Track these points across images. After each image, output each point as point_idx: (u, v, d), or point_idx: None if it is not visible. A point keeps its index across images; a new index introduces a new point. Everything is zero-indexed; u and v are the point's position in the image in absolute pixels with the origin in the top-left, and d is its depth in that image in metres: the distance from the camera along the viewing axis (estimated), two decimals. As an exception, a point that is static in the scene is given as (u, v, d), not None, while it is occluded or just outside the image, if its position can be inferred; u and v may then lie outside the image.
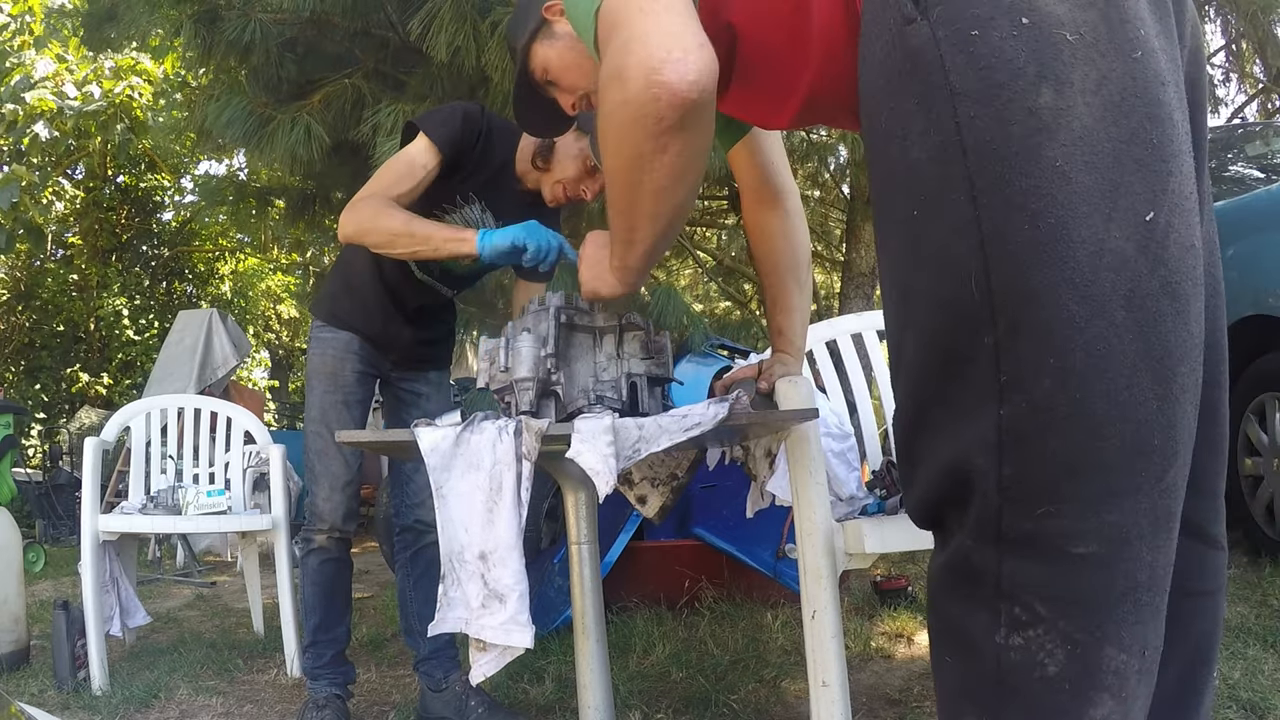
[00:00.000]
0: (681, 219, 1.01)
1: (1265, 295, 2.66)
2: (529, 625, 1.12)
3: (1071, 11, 0.69)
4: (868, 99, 0.80)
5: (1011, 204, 0.68)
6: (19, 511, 6.60)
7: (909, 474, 0.83)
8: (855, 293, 6.93)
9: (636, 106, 0.82)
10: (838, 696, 1.31)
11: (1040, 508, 0.70)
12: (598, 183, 1.89)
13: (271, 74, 3.75)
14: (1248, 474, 2.81)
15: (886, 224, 0.80)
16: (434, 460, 1.17)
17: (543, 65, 1.35)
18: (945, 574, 0.79)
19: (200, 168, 11.09)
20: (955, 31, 0.70)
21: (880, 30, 0.76)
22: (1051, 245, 0.67)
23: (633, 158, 0.87)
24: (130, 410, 2.98)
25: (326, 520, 2.02)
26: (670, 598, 2.99)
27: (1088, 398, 0.68)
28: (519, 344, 1.31)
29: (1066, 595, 0.70)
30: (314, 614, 2.07)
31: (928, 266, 0.73)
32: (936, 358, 0.74)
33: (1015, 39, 0.68)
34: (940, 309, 0.73)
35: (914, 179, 0.74)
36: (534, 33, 1.34)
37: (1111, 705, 0.71)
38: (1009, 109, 0.68)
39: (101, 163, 10.72)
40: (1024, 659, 0.71)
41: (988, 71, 0.69)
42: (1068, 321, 0.67)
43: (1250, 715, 1.72)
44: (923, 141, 0.72)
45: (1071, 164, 0.67)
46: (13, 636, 2.71)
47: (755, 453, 1.57)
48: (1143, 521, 0.70)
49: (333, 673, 2.08)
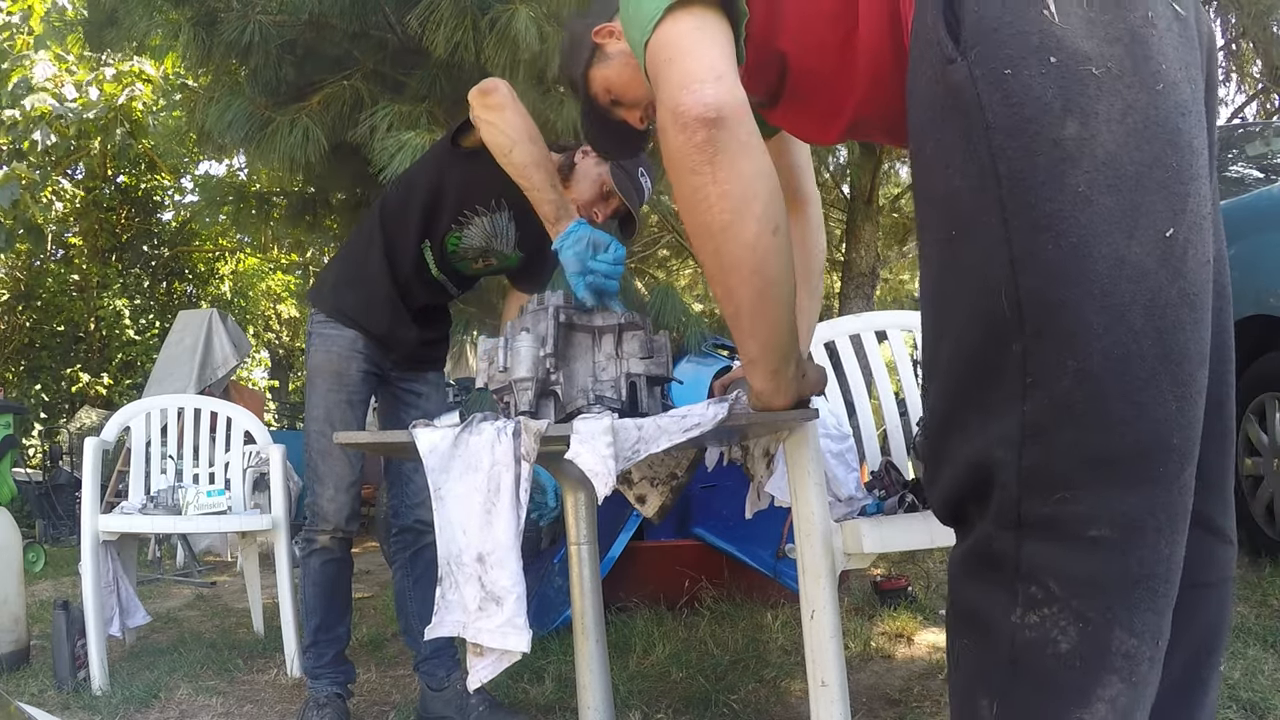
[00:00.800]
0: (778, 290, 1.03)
1: (1266, 295, 2.66)
2: (526, 628, 1.11)
3: (1099, 47, 0.76)
4: (915, 130, 0.87)
5: (1038, 226, 0.75)
6: (19, 511, 6.60)
7: (936, 472, 0.88)
8: (855, 293, 6.93)
9: (674, 147, 0.94)
10: (837, 696, 1.31)
11: (1057, 494, 0.75)
12: (610, 206, 1.91)
13: (271, 76, 3.74)
14: (1248, 474, 2.81)
15: (929, 243, 0.87)
16: (432, 461, 1.17)
17: (604, 87, 1.35)
18: (965, 561, 0.84)
19: (200, 168, 11.10)
20: (990, 71, 0.77)
21: (924, 67, 0.84)
22: (1073, 261, 0.74)
23: (691, 196, 0.96)
24: (130, 410, 2.98)
25: (330, 521, 2.02)
26: (670, 598, 2.99)
27: (1105, 396, 0.73)
28: (518, 344, 1.31)
29: (1080, 576, 0.74)
30: (315, 614, 2.07)
31: (964, 282, 0.80)
32: (969, 364, 0.81)
33: (1043, 76, 0.75)
34: (974, 320, 0.79)
35: (954, 204, 0.81)
36: (589, 60, 1.36)
37: (1120, 688, 0.74)
38: (1036, 141, 0.75)
39: (101, 163, 10.73)
40: (1038, 636, 0.75)
41: (1018, 107, 0.76)
42: (1086, 329, 0.73)
43: (1250, 715, 1.72)
44: (963, 170, 0.79)
45: (1094, 188, 0.74)
46: (13, 636, 2.71)
47: (754, 453, 1.57)
48: (1159, 514, 0.74)
49: (334, 672, 2.08)
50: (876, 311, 3.39)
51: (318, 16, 3.60)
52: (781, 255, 1.00)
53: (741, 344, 1.09)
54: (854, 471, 1.73)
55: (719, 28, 0.98)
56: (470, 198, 1.97)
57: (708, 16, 0.97)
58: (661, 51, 0.97)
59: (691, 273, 10.21)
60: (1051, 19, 0.76)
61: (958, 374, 0.82)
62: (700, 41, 0.96)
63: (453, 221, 2.00)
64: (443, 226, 2.01)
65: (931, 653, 2.39)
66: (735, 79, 0.95)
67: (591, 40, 1.35)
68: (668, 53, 0.96)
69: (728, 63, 0.96)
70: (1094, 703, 0.74)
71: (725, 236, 0.97)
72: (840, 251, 7.53)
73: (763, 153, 0.97)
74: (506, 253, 2.06)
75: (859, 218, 7.03)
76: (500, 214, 1.98)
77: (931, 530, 1.41)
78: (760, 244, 0.98)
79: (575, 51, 1.39)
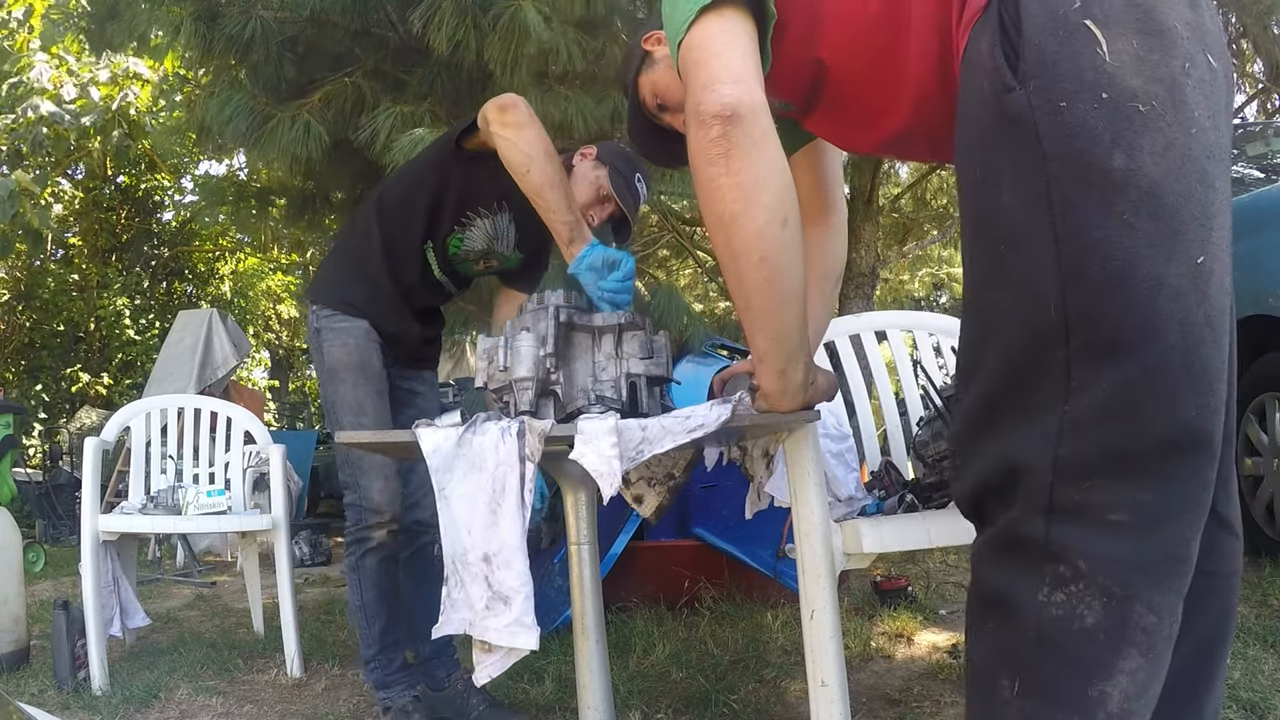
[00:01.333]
0: (786, 280, 1.06)
1: (1266, 295, 2.66)
2: (534, 627, 1.12)
3: (1145, 85, 0.83)
4: (964, 148, 0.94)
5: (1087, 249, 0.82)
6: (19, 511, 6.60)
7: (965, 466, 0.94)
8: (855, 293, 6.93)
9: (693, 142, 1.02)
10: (837, 696, 1.31)
11: (1087, 482, 0.82)
12: (606, 210, 1.91)
13: (271, 72, 3.74)
14: (1248, 474, 2.81)
15: (976, 254, 0.93)
16: (435, 462, 1.17)
17: (652, 91, 1.39)
18: (990, 547, 0.90)
19: (200, 168, 11.10)
20: (1047, 101, 0.84)
21: (977, 93, 0.90)
22: (1119, 282, 0.81)
23: (706, 187, 1.02)
24: (130, 410, 2.98)
25: (386, 512, 1.93)
26: (670, 598, 2.98)
27: (1137, 401, 0.81)
28: (518, 343, 1.31)
29: (1106, 554, 0.81)
30: (378, 618, 1.99)
31: (1014, 292, 0.87)
32: (1013, 368, 0.87)
33: (1096, 111, 0.82)
34: (1021, 328, 0.86)
35: (1004, 220, 0.88)
36: (639, 66, 1.40)
37: (1140, 661, 0.80)
38: (1088, 170, 0.82)
39: (101, 163, 10.73)
40: (1064, 613, 0.81)
41: (1072, 138, 0.83)
42: (1127, 341, 0.81)
43: (1250, 715, 1.72)
44: (1013, 191, 0.86)
45: (1138, 215, 0.81)
46: (13, 636, 2.71)
47: (753, 453, 1.57)
48: (1177, 504, 0.82)
49: (406, 676, 2.03)
50: (876, 311, 3.39)
51: (319, 13, 3.60)
52: (790, 249, 1.04)
53: (752, 339, 1.12)
54: (854, 471, 1.73)
55: (745, 30, 1.04)
56: (472, 199, 1.96)
57: (736, 19, 1.03)
58: (691, 53, 1.04)
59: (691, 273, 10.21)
60: (1104, 57, 0.83)
61: (1001, 377, 0.88)
62: (728, 44, 1.02)
63: (455, 223, 2.00)
64: (445, 228, 2.01)
65: (931, 653, 2.39)
66: (755, 81, 1.01)
67: (642, 48, 1.40)
68: (696, 54, 1.03)
69: (749, 65, 1.02)
70: (1115, 674, 0.80)
71: (735, 225, 1.02)
72: (840, 251, 7.51)
73: (776, 150, 1.02)
74: (507, 254, 2.06)
75: (859, 218, 7.03)
76: (501, 216, 1.98)
77: (931, 530, 1.41)
78: (768, 233, 1.02)
79: (630, 58, 1.44)
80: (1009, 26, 0.87)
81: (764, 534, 2.90)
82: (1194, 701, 0.97)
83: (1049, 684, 0.82)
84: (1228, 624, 1.00)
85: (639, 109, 1.43)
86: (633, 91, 1.42)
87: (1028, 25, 0.86)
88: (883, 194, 7.98)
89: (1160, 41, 0.84)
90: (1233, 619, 1.01)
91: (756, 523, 1.82)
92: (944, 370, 1.91)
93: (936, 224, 8.88)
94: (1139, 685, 0.81)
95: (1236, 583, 1.01)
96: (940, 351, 1.96)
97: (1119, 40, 0.84)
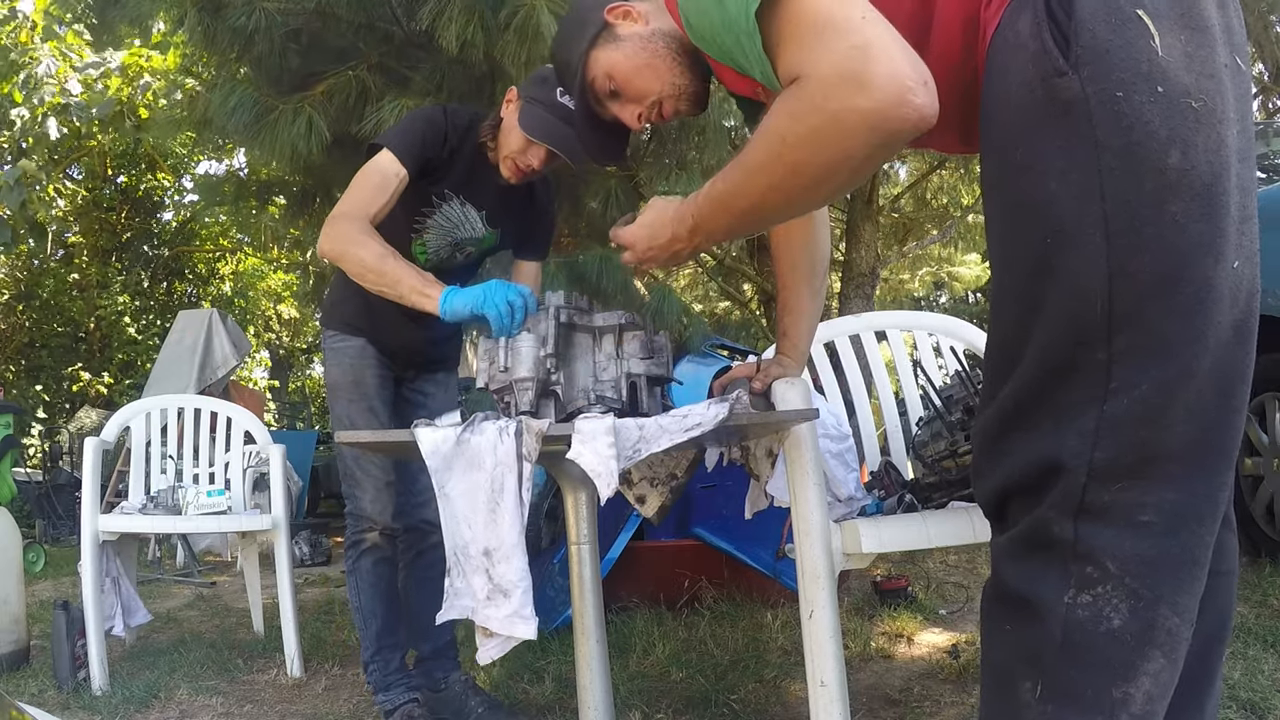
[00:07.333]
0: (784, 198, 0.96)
1: (1266, 295, 2.66)
2: (532, 618, 1.14)
3: (1198, 80, 0.81)
4: (1000, 132, 0.88)
5: (1138, 247, 0.80)
6: (19, 511, 6.60)
7: (992, 463, 0.91)
8: (855, 293, 6.93)
9: (880, 117, 0.80)
10: (836, 696, 1.31)
11: (1119, 483, 0.81)
12: (538, 155, 1.80)
13: (274, 65, 3.73)
14: (1248, 474, 2.81)
15: (1012, 244, 0.89)
16: (435, 462, 1.17)
17: (606, 72, 1.21)
18: (1013, 547, 0.88)
19: (200, 168, 11.10)
20: (1102, 90, 0.80)
21: (1020, 74, 0.85)
22: (1168, 282, 0.80)
23: (836, 158, 0.85)
24: (130, 410, 2.98)
25: (377, 521, 2.00)
26: (670, 598, 2.98)
27: (1172, 403, 0.81)
28: (518, 343, 1.31)
29: (1135, 556, 0.80)
30: (374, 618, 2.02)
31: (1059, 286, 0.83)
32: (1051, 367, 0.84)
33: (1152, 104, 0.80)
34: (1064, 323, 0.83)
35: (1049, 210, 0.83)
36: (594, 39, 1.22)
37: (1163, 663, 0.80)
38: (1143, 166, 0.80)
39: (102, 163, 10.73)
40: (1091, 614, 0.81)
41: (1128, 131, 0.80)
42: (1170, 345, 0.80)
43: (1250, 715, 1.72)
44: (1062, 180, 0.82)
45: (1189, 217, 0.79)
46: (13, 636, 2.71)
47: (756, 453, 1.57)
48: (1201, 506, 0.82)
49: (404, 678, 2.04)
50: (876, 311, 3.39)
51: (324, 6, 3.58)
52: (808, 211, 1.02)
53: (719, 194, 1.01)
54: (853, 471, 1.73)
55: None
56: (417, 202, 1.90)
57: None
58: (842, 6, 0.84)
59: (691, 273, 10.21)
60: (1156, 49, 0.81)
61: (1037, 376, 0.86)
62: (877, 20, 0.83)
63: (410, 233, 1.95)
64: (404, 240, 1.93)
65: (931, 653, 2.39)
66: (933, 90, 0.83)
67: (602, 18, 1.22)
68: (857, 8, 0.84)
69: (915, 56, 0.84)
70: (1139, 677, 0.80)
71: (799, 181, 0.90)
72: (840, 251, 7.53)
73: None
74: (479, 236, 2.02)
75: (859, 218, 7.03)
76: (451, 203, 1.93)
77: (930, 531, 1.41)
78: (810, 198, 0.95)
79: (576, 29, 1.25)
80: (1056, 9, 0.83)
81: (764, 534, 2.90)
82: (1194, 700, 0.97)
83: (1073, 686, 0.81)
84: (1226, 622, 1.00)
85: (583, 90, 1.24)
86: (580, 69, 1.22)
87: (1080, 9, 0.82)
88: (883, 194, 7.99)
89: (1205, 38, 0.83)
90: (1231, 617, 1.01)
91: (756, 523, 1.82)
92: (944, 370, 1.91)
93: (936, 224, 8.88)
94: (1162, 686, 0.80)
95: (1235, 580, 1.01)
96: (940, 351, 1.96)
97: (1168, 34, 0.81)
